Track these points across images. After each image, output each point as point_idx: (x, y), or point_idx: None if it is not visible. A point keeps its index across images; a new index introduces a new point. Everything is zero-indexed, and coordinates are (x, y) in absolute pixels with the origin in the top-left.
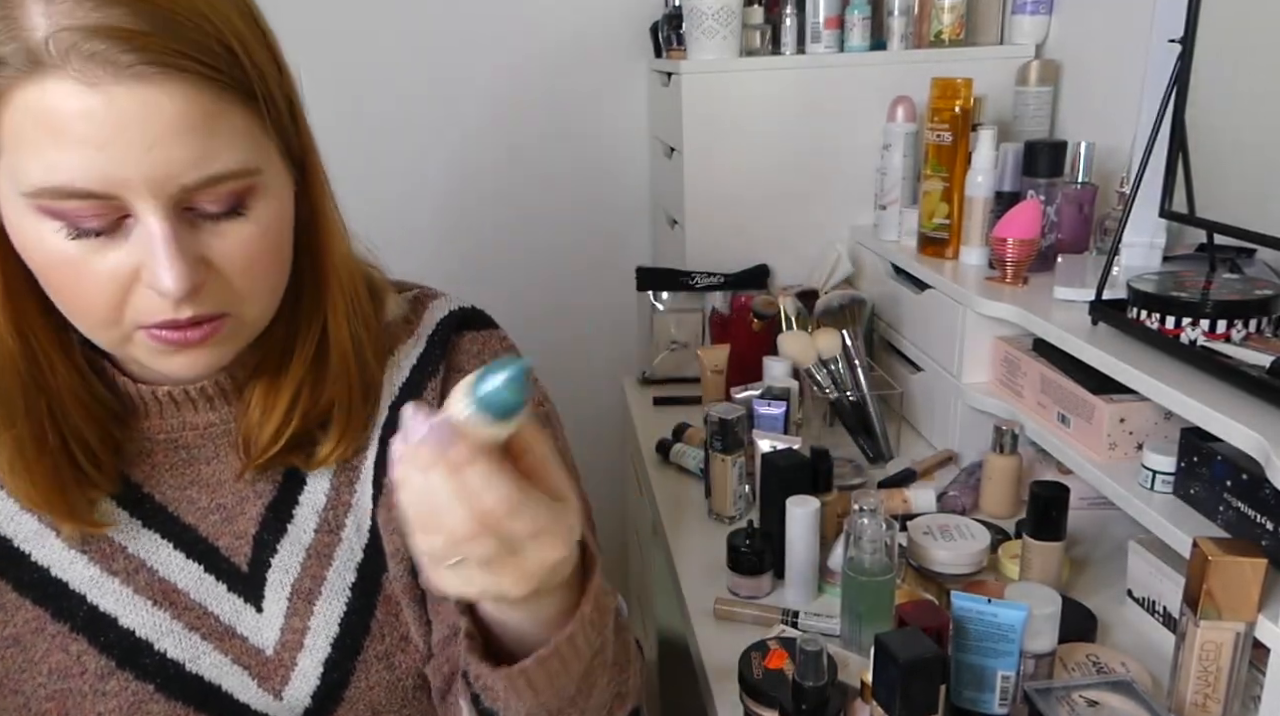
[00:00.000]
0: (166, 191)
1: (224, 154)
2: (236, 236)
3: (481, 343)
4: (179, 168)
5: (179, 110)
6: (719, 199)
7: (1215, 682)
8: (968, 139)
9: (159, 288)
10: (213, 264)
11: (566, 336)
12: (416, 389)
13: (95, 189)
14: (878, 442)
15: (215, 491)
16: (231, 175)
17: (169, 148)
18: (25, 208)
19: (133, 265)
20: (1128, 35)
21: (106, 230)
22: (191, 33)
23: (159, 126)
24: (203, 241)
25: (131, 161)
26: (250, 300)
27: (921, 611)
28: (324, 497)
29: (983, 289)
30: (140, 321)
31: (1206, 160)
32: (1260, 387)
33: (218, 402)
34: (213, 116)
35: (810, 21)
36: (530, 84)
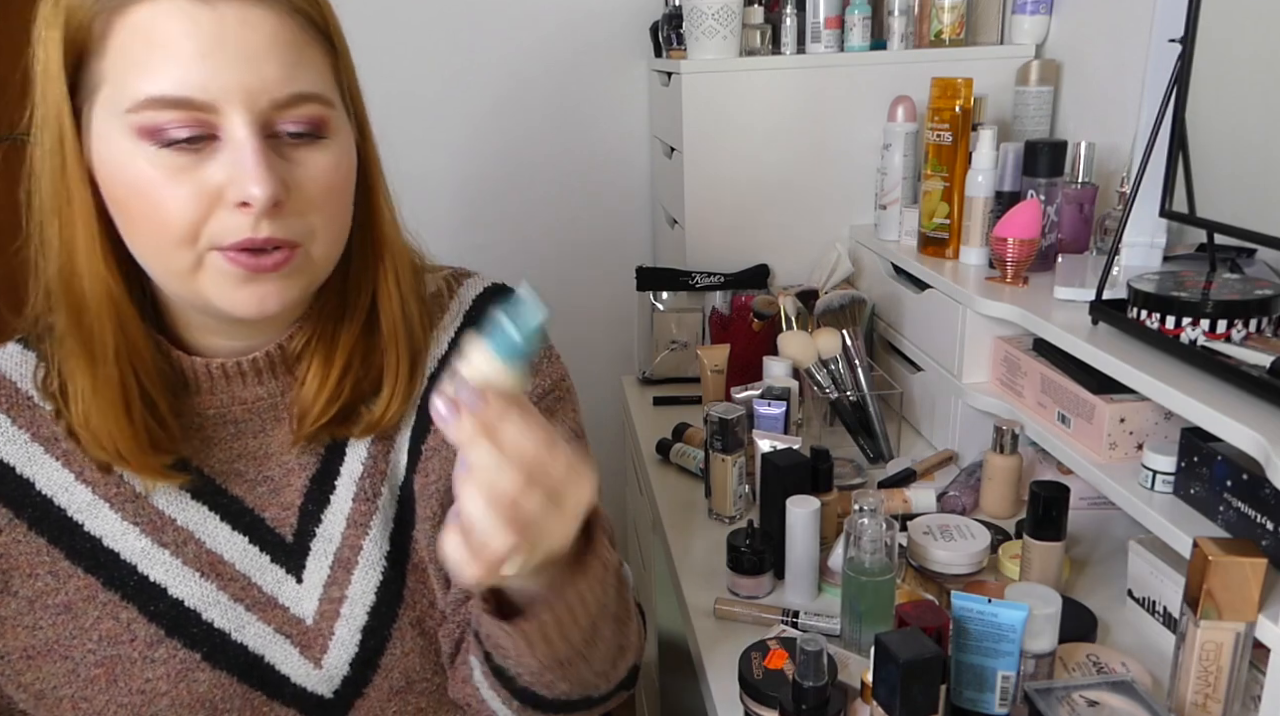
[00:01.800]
0: (258, 105)
1: (309, 76)
2: (314, 163)
3: None
4: (272, 82)
5: (273, 30)
6: (719, 199)
7: (1215, 682)
8: (968, 139)
9: (246, 194)
10: (292, 185)
11: (566, 336)
12: (450, 362)
13: (195, 96)
14: (878, 442)
15: (262, 464)
16: (314, 98)
17: (264, 62)
18: (122, 131)
19: (218, 182)
20: (1128, 35)
21: (196, 145)
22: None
23: (256, 41)
24: (284, 166)
25: (231, 71)
26: (320, 234)
27: (921, 611)
28: (360, 466)
29: (983, 289)
30: (217, 242)
31: (1206, 160)
32: (1260, 387)
33: (266, 377)
34: (300, 44)
35: (810, 21)
36: (530, 84)
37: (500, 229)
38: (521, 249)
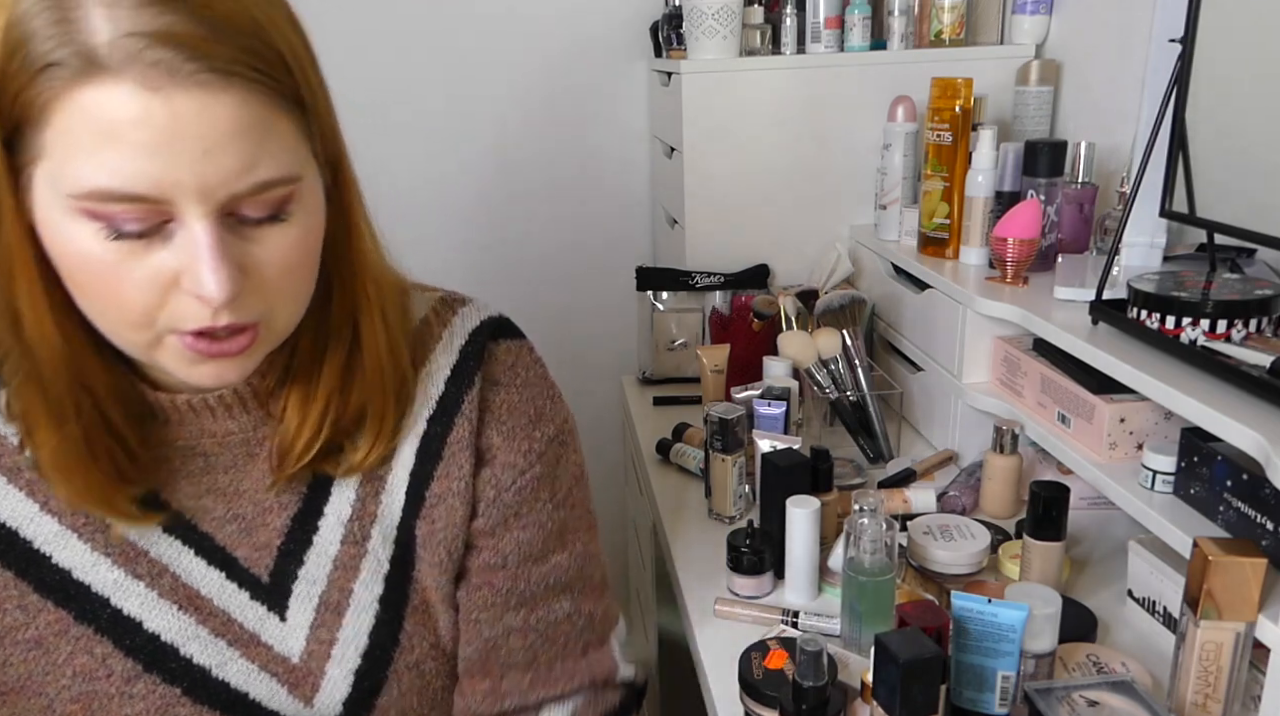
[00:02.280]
0: (216, 197)
1: (272, 161)
2: (276, 242)
3: (515, 354)
4: (231, 174)
5: (235, 116)
6: (719, 199)
7: (1215, 682)
8: (968, 139)
9: (203, 293)
10: (251, 270)
11: (566, 336)
12: (454, 402)
13: (147, 193)
14: (878, 442)
15: (232, 501)
16: (278, 182)
17: (223, 154)
18: (65, 209)
19: (173, 269)
20: (1128, 35)
21: (147, 233)
22: (250, 40)
23: (216, 132)
24: (243, 248)
25: (186, 166)
26: (281, 307)
27: (921, 611)
28: (349, 508)
29: (983, 289)
30: (175, 327)
31: (1206, 160)
32: (1260, 387)
33: (237, 411)
34: (265, 124)
35: (810, 21)
36: (530, 84)
37: (500, 229)
38: (522, 248)
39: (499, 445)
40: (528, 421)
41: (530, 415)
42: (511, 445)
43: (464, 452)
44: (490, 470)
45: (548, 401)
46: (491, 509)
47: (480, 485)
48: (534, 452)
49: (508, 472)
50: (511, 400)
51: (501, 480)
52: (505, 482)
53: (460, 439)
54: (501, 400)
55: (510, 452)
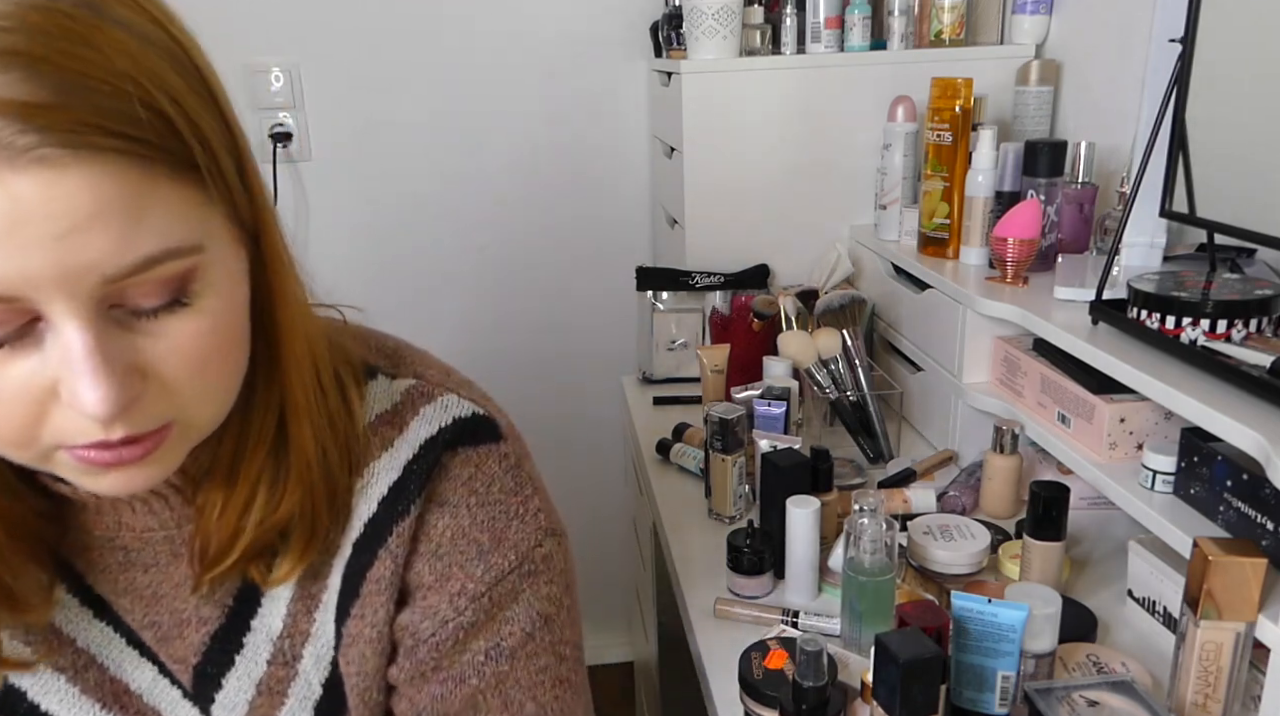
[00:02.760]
0: (84, 288)
1: (154, 235)
2: (179, 333)
3: (475, 465)
4: (98, 256)
5: (95, 194)
6: (719, 199)
7: (1215, 682)
8: (968, 139)
9: (81, 409)
10: (150, 371)
11: (566, 336)
12: (382, 529)
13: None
14: (878, 442)
15: (151, 605)
16: (165, 257)
17: (85, 236)
18: None
19: (48, 379)
20: (1128, 35)
21: (11, 339)
22: (110, 99)
23: (71, 215)
24: (136, 344)
25: (37, 257)
26: (200, 403)
27: (921, 611)
28: (280, 624)
29: (983, 289)
30: (62, 442)
31: (1206, 160)
32: (1260, 387)
33: (157, 506)
34: (139, 196)
35: (810, 21)
36: (530, 84)
37: (500, 229)
38: (522, 248)
39: (429, 584)
40: (475, 553)
41: (481, 544)
42: (443, 586)
43: (384, 593)
44: (409, 614)
45: (512, 522)
46: (405, 660)
47: (397, 629)
48: (469, 594)
49: (428, 620)
50: (458, 526)
51: (419, 629)
52: (424, 632)
53: (381, 577)
54: (445, 526)
55: (438, 595)
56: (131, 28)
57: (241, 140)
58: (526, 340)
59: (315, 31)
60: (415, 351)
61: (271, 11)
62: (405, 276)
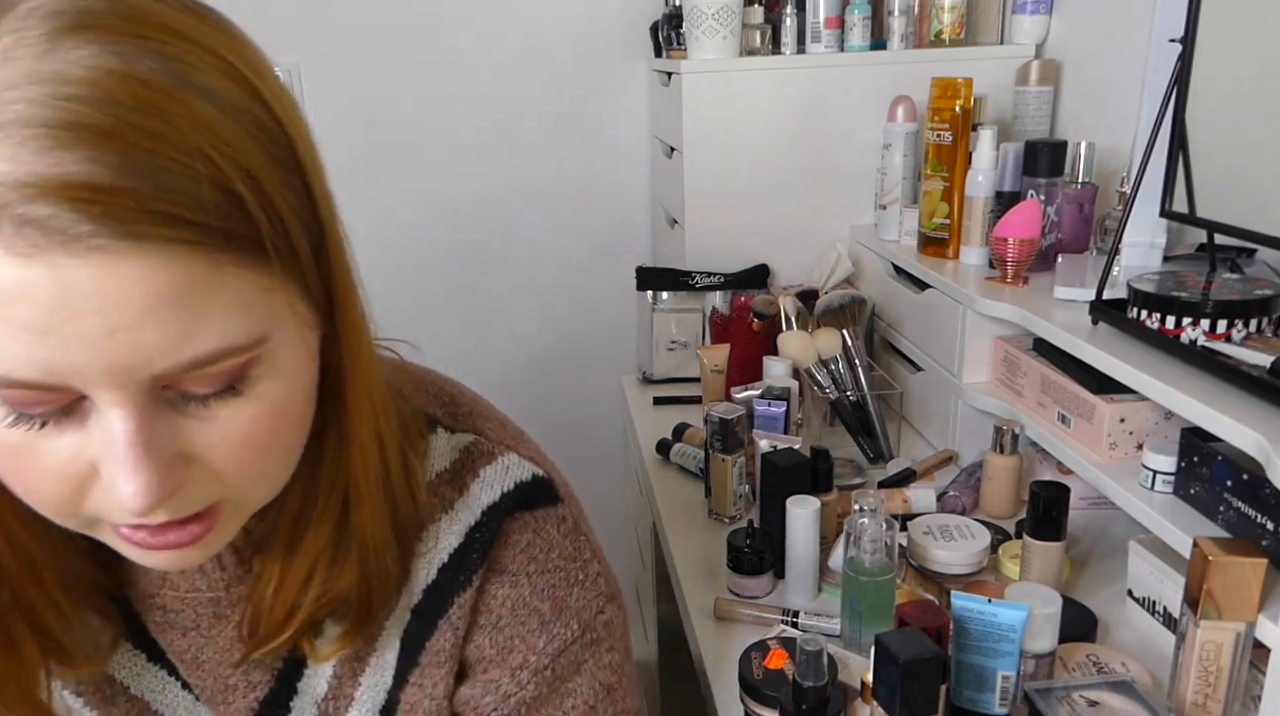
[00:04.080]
0: (133, 381)
1: (215, 331)
2: (232, 420)
3: (534, 531)
4: (152, 353)
5: (154, 287)
6: (719, 199)
7: (1215, 682)
8: (968, 139)
9: (119, 499)
10: (197, 457)
11: (566, 336)
12: (443, 600)
13: (38, 380)
14: (878, 442)
15: (191, 670)
16: (224, 354)
17: (139, 332)
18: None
19: (90, 458)
20: (1128, 35)
21: (55, 416)
22: (178, 179)
23: (126, 309)
24: (185, 429)
25: (87, 350)
26: (249, 486)
27: (921, 611)
28: (325, 686)
29: (983, 289)
30: (105, 517)
31: (1206, 160)
32: (1260, 387)
33: (209, 566)
34: (200, 290)
35: (810, 21)
36: (530, 84)
37: (500, 229)
38: (522, 248)
39: (490, 658)
40: (536, 624)
41: (542, 614)
42: (505, 659)
43: (443, 666)
44: (470, 688)
45: (573, 589)
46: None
47: (458, 703)
48: (529, 667)
49: (489, 695)
50: (519, 596)
51: (481, 704)
52: (485, 708)
53: (441, 649)
54: (505, 596)
55: (500, 669)
56: (214, 94)
57: (324, 211)
58: (526, 340)
59: (315, 31)
60: (469, 397)
61: (271, 11)
62: (405, 276)
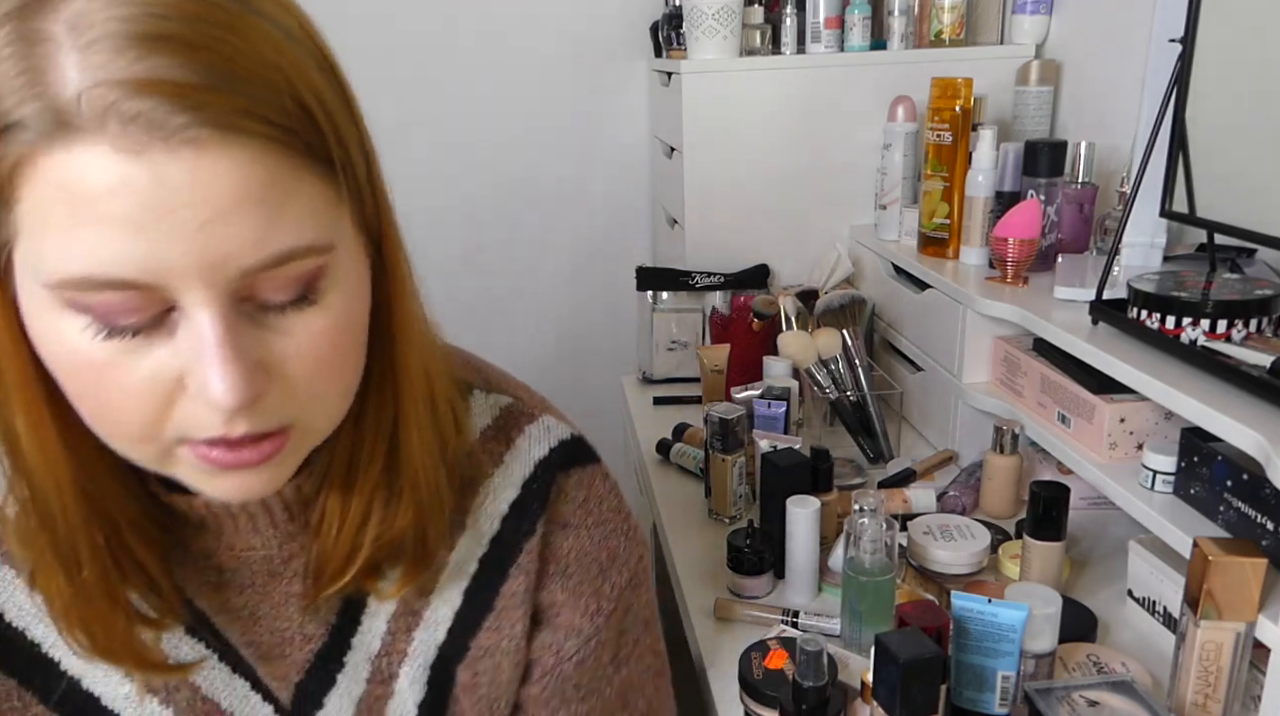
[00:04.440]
0: (223, 278)
1: (292, 229)
2: (305, 331)
3: (587, 486)
4: (238, 247)
5: (241, 181)
6: (719, 199)
7: (1215, 682)
8: (968, 139)
9: (210, 397)
10: (275, 368)
11: (566, 336)
12: (511, 548)
13: (133, 278)
14: (878, 442)
15: (249, 625)
16: (301, 253)
17: (227, 225)
18: (46, 301)
19: (177, 370)
20: (1128, 35)
21: (145, 327)
22: (260, 87)
23: (216, 201)
24: (264, 341)
25: (180, 244)
26: (318, 407)
27: (921, 611)
28: (379, 642)
29: (983, 289)
30: (185, 436)
31: (1206, 160)
32: (1260, 387)
33: (263, 523)
34: (280, 186)
35: (810, 21)
36: (530, 84)
37: (500, 229)
38: (522, 248)
39: (562, 602)
40: (598, 571)
41: (601, 562)
42: (577, 603)
43: (519, 609)
44: (550, 634)
45: (622, 539)
46: (549, 677)
47: (537, 649)
48: (603, 611)
49: (571, 639)
50: (581, 546)
51: (564, 647)
52: (568, 651)
53: (515, 592)
54: (570, 547)
55: (575, 613)
56: (278, 23)
57: (370, 145)
58: (526, 340)
59: None
60: (496, 367)
61: None
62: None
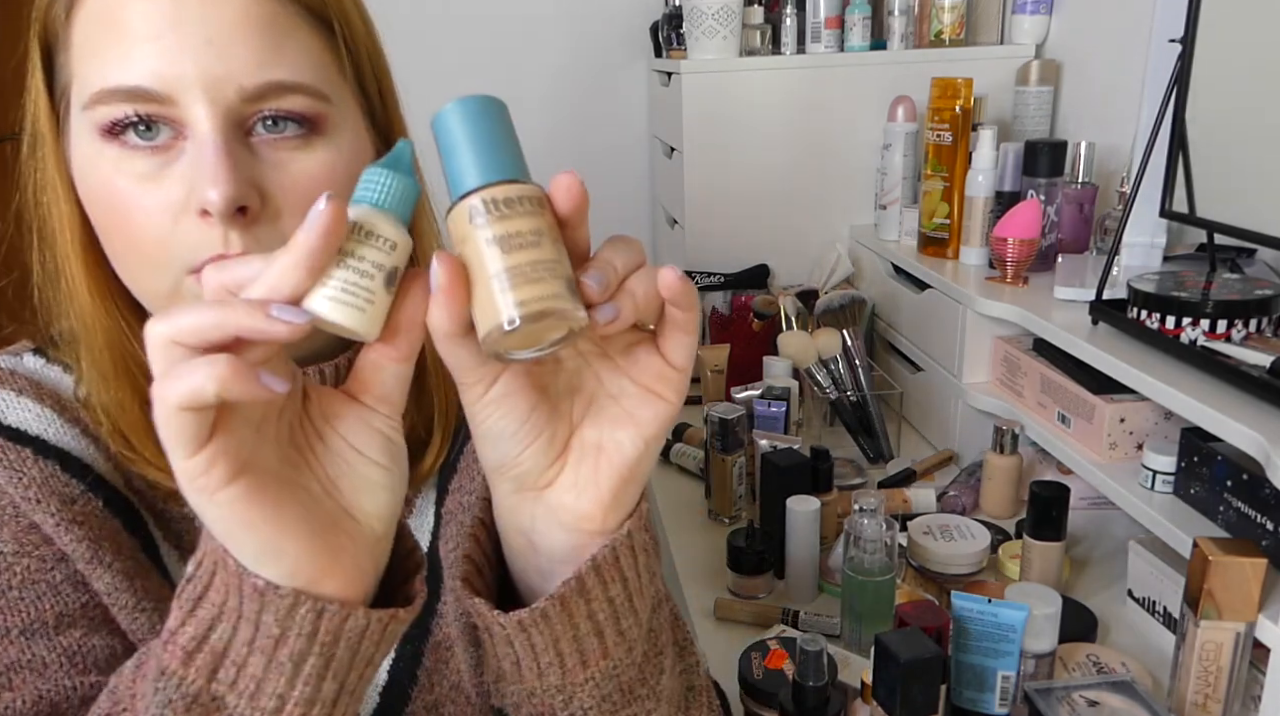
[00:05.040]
0: (224, 94)
1: (289, 65)
2: (300, 170)
3: None
4: (239, 66)
5: (242, 9)
6: (719, 199)
7: (1215, 682)
8: (968, 139)
9: (203, 197)
10: (268, 196)
11: None
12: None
13: (150, 85)
14: (878, 442)
15: None
16: (296, 88)
17: (230, 44)
18: (87, 132)
19: (184, 191)
20: (1128, 35)
21: (159, 146)
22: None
23: (221, 21)
24: (260, 168)
25: (189, 55)
26: None
27: (921, 611)
28: None
29: (983, 289)
30: (188, 262)
31: (1206, 160)
32: (1260, 387)
33: None
34: (277, 25)
35: (810, 21)
36: (530, 83)
37: None
38: None
39: None
40: None
41: None
42: None
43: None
44: None
45: None
46: None
47: None
48: None
49: None
50: None
51: None
52: None
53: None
54: None
55: None
56: None
57: (386, 81)
58: None
59: None
60: None
61: None
62: None
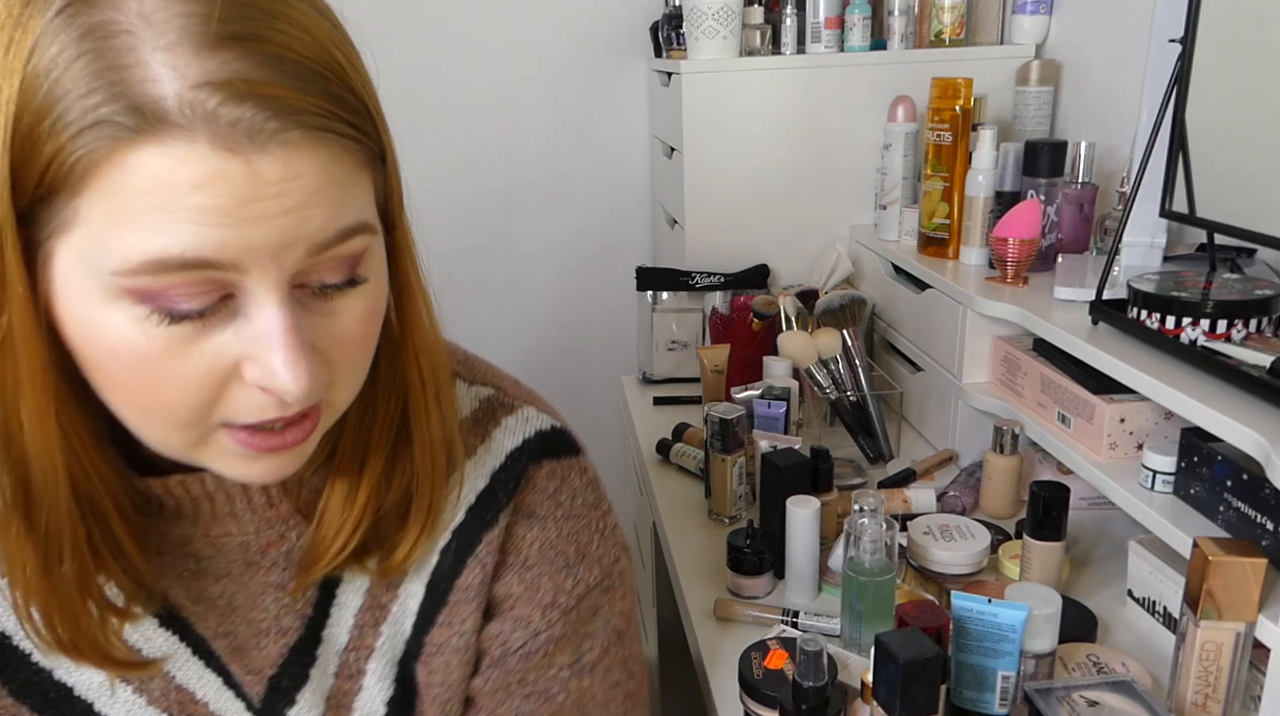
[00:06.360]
0: (293, 258)
1: (352, 208)
2: (348, 313)
3: (560, 478)
4: (314, 228)
5: (322, 173)
6: (719, 199)
7: (1215, 682)
8: (968, 139)
9: (277, 385)
10: (321, 349)
11: (566, 336)
12: (470, 539)
13: (212, 257)
14: (878, 442)
15: (225, 615)
16: (358, 229)
17: (307, 210)
18: (103, 291)
19: (235, 355)
20: (1128, 35)
21: (205, 312)
22: (337, 88)
23: (301, 193)
24: (315, 324)
25: (263, 227)
26: (344, 382)
27: (921, 611)
28: (346, 637)
29: (983, 289)
30: (230, 420)
31: (1206, 160)
32: (1260, 387)
33: (240, 508)
34: (350, 176)
35: (810, 21)
36: (531, 84)
37: (500, 229)
38: (522, 248)
39: (518, 595)
40: (563, 565)
41: (568, 557)
42: (533, 596)
43: (471, 602)
44: (499, 624)
45: (595, 536)
46: (493, 671)
47: (485, 639)
48: (559, 606)
49: (519, 631)
50: (546, 538)
51: (510, 639)
52: (514, 642)
53: (469, 586)
54: (534, 538)
55: (528, 606)
56: (314, 5)
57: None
58: (526, 340)
59: None
60: (483, 361)
61: None
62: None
